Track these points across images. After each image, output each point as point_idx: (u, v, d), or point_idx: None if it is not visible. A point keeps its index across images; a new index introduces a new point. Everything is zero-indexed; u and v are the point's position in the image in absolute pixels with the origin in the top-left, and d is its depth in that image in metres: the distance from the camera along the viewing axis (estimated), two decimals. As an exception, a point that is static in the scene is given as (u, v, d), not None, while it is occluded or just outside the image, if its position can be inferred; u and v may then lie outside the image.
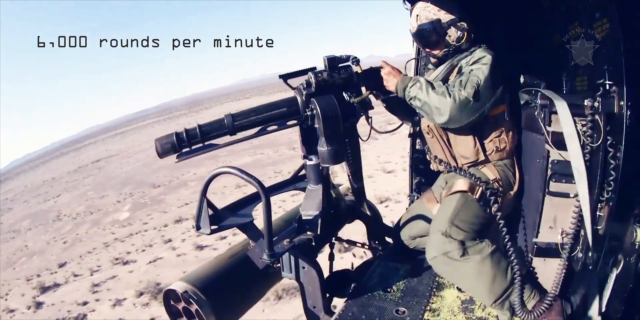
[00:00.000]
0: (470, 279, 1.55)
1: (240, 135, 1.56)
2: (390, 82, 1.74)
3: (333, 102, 1.53)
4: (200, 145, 1.51)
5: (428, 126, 1.84)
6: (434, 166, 1.96)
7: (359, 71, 1.63)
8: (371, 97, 1.74)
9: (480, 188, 1.70)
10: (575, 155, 1.38)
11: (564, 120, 1.40)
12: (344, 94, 1.61)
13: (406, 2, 1.73)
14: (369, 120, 1.77)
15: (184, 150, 1.50)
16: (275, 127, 1.58)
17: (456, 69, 1.76)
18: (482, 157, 1.78)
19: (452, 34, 1.76)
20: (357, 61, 1.63)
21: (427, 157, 1.99)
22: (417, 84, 1.65)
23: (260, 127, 1.58)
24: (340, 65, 1.62)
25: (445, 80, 1.77)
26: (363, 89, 1.73)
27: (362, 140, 1.82)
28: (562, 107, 1.41)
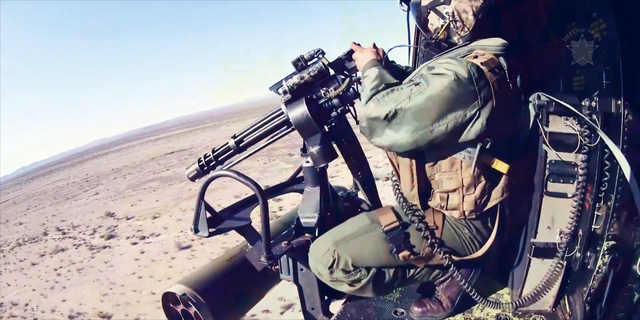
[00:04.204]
0: None
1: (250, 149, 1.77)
2: (359, 66, 1.50)
3: (302, 106, 1.53)
4: (220, 167, 1.75)
5: None
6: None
7: (326, 63, 1.56)
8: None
9: (397, 223, 1.43)
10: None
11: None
12: (320, 91, 1.57)
13: (402, 3, 1.71)
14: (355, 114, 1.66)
15: (210, 171, 1.73)
16: (277, 136, 1.67)
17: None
18: (418, 205, 1.46)
19: (434, 21, 1.40)
20: (321, 53, 1.56)
21: None
22: (370, 75, 1.38)
23: (265, 140, 1.70)
24: (310, 63, 1.58)
25: None
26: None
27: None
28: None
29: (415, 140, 1.27)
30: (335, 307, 1.79)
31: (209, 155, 1.75)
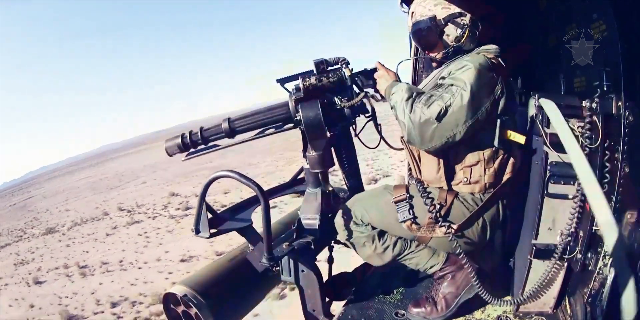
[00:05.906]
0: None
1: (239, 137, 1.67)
2: (381, 86, 1.61)
3: (316, 109, 1.53)
4: (203, 146, 1.65)
5: (402, 137, 1.62)
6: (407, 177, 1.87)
7: (349, 74, 1.59)
8: (373, 100, 1.70)
9: (404, 195, 1.55)
10: (575, 156, 1.25)
11: (556, 123, 1.33)
12: (335, 99, 1.58)
13: (403, 4, 1.71)
14: (378, 127, 1.75)
15: (190, 150, 1.66)
16: (273, 130, 1.63)
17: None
18: (444, 186, 1.55)
19: (451, 32, 1.52)
20: (346, 63, 1.59)
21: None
22: (399, 91, 1.48)
23: (258, 130, 1.64)
24: (330, 68, 1.59)
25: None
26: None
27: (369, 147, 1.82)
28: (550, 108, 1.37)
29: (467, 132, 1.39)
30: (336, 308, 1.79)
31: (197, 133, 1.62)
